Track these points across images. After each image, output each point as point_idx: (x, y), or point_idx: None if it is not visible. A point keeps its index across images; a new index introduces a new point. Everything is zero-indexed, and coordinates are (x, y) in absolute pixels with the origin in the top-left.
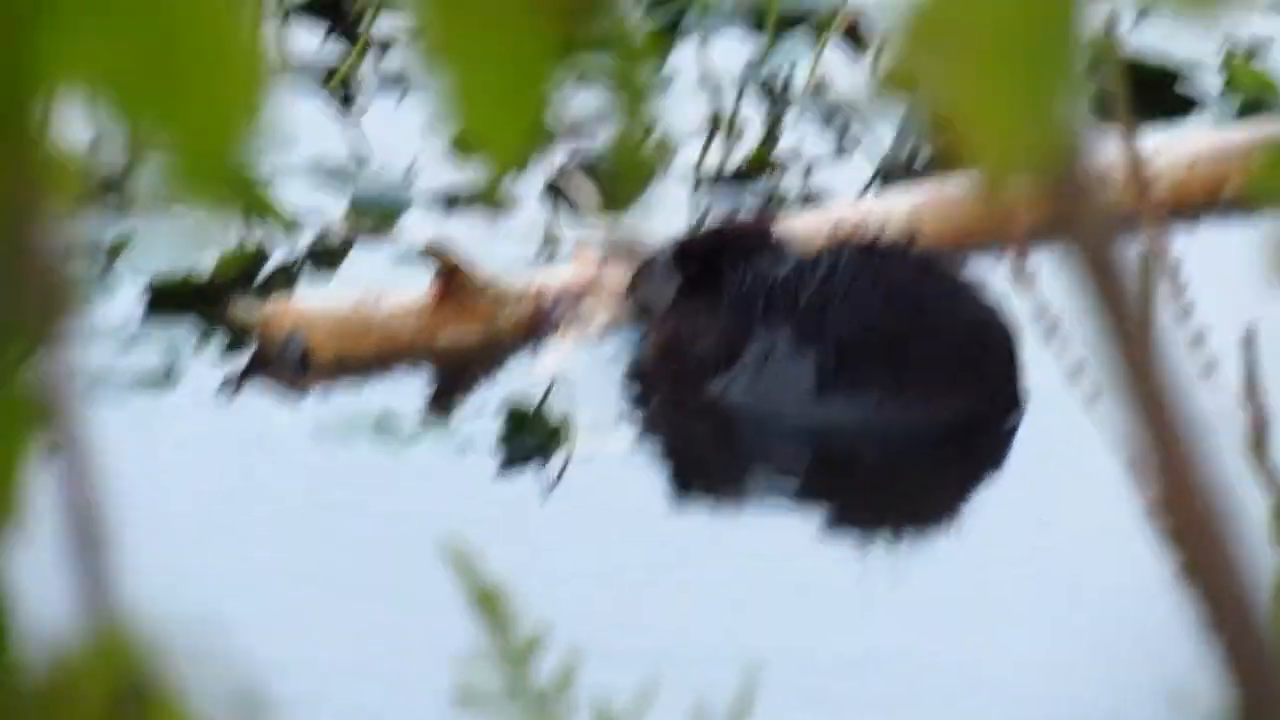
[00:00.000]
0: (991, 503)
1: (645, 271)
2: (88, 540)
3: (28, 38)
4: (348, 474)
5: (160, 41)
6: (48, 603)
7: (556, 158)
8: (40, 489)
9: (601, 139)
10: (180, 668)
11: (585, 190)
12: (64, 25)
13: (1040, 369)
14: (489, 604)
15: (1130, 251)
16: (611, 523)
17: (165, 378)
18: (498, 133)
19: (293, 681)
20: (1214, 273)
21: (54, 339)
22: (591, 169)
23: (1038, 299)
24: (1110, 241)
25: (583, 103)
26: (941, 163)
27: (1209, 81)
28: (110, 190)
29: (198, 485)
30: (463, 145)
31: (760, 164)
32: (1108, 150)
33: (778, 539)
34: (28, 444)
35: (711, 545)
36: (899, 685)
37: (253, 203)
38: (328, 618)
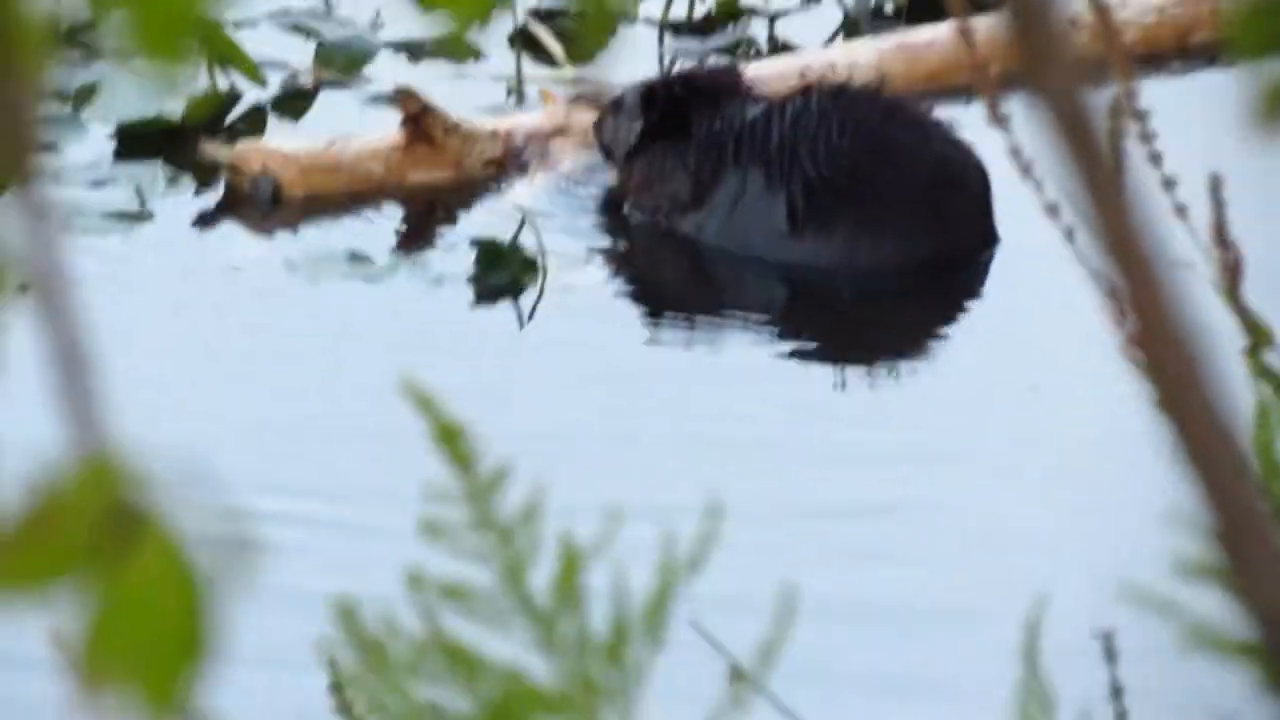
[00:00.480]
0: (968, 340)
1: (613, 110)
2: (72, 373)
3: None
4: (321, 308)
5: None
6: (33, 438)
7: (522, 6)
8: (21, 325)
9: None
10: (165, 493)
11: (551, 38)
12: None
13: (1016, 208)
14: (451, 440)
15: (1099, 98)
16: (585, 358)
17: (136, 216)
18: None
19: (267, 508)
20: (1182, 119)
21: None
22: (557, 16)
23: (1011, 140)
24: (1079, 87)
25: None
26: (909, 11)
27: None
28: (77, 38)
29: (172, 320)
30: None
31: (727, 13)
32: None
33: (752, 378)
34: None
35: (683, 385)
36: (877, 533)
37: (220, 50)
38: (300, 450)
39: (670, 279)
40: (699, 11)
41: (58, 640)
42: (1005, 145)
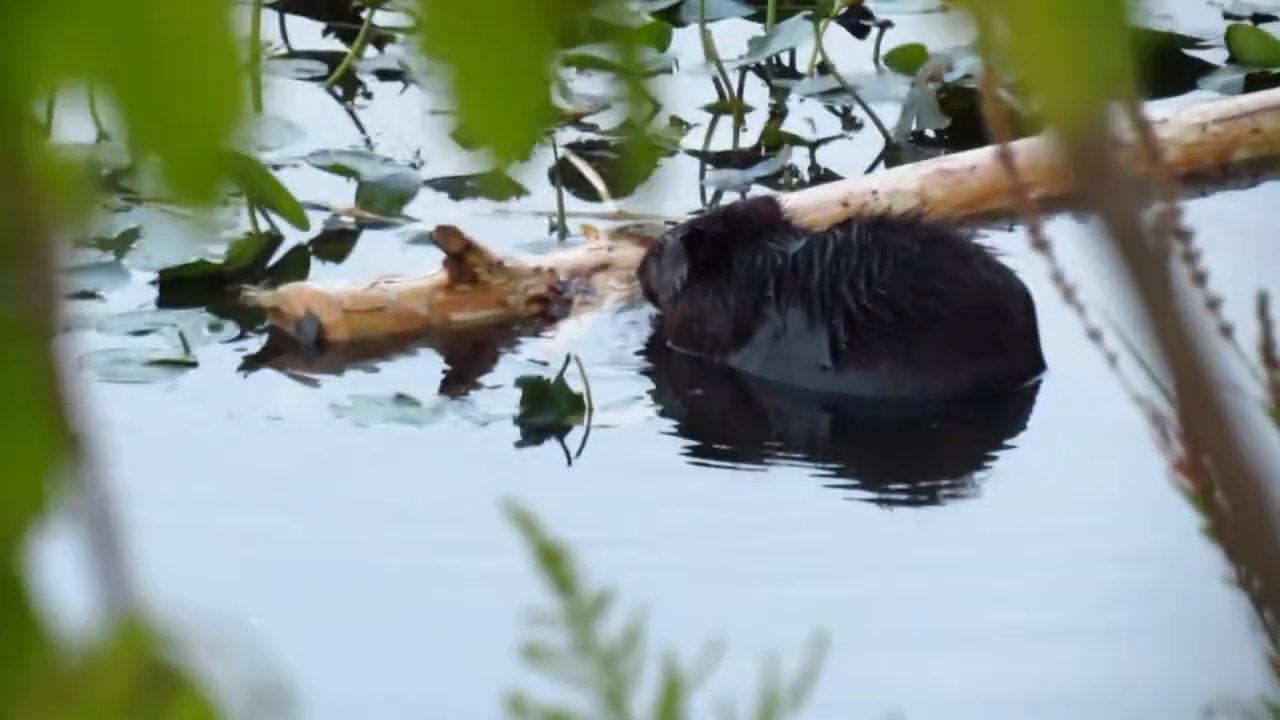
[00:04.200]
0: (1014, 467)
1: (656, 254)
2: (105, 534)
3: (17, 34)
4: (368, 452)
5: (139, 40)
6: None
7: (563, 141)
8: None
9: (608, 123)
10: (201, 655)
11: (592, 172)
12: (48, 22)
13: (1058, 333)
14: (553, 562)
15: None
16: (635, 490)
17: (180, 363)
18: (497, 128)
19: (321, 666)
20: (1225, 239)
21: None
22: (598, 149)
23: (1053, 265)
24: (1136, 206)
25: (588, 87)
26: (950, 136)
27: (1215, 52)
28: (117, 184)
29: (218, 465)
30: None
31: (771, 143)
32: (1119, 119)
33: (801, 505)
34: (50, 442)
35: (734, 511)
36: (925, 643)
37: (261, 192)
38: (355, 599)
39: (715, 413)
40: (742, 141)
41: None
42: (1047, 270)
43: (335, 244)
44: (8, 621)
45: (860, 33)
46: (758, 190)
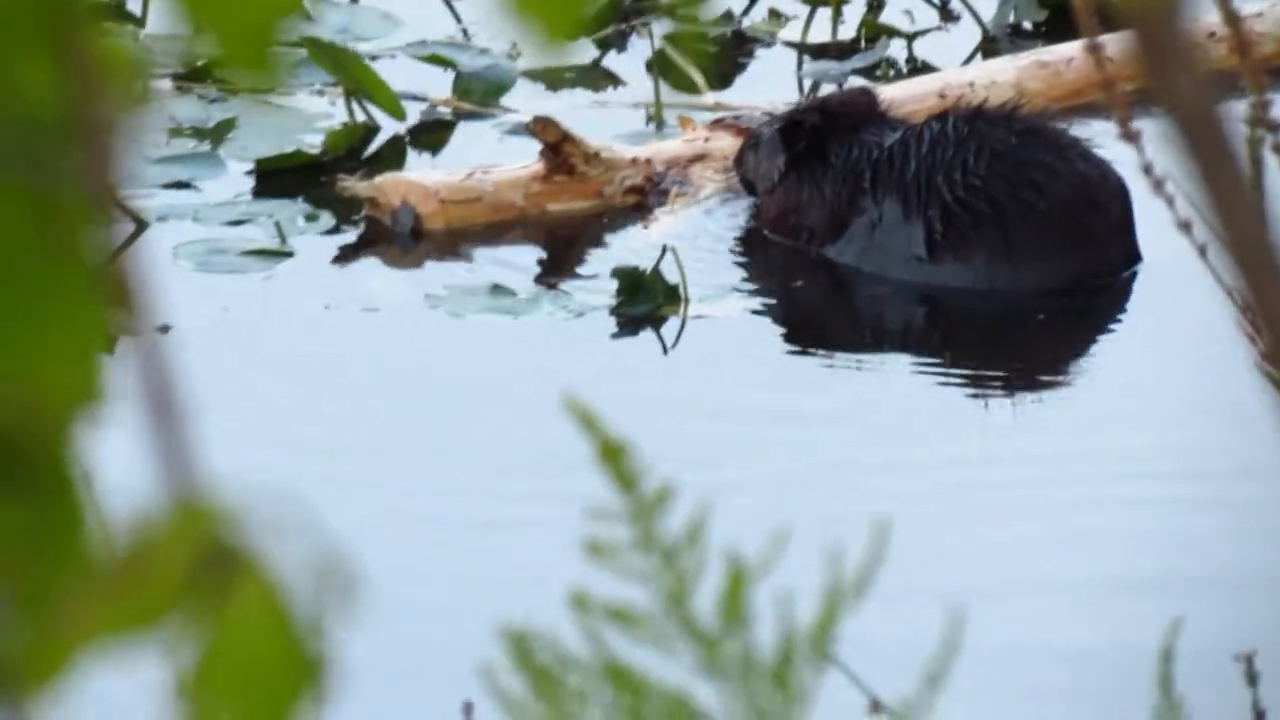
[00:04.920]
0: (1109, 358)
1: (753, 145)
2: (165, 417)
3: None
4: (465, 341)
5: None
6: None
7: (659, 33)
8: (121, 370)
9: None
10: (263, 537)
11: (689, 63)
12: None
13: (1156, 225)
14: (614, 458)
15: (1233, 109)
16: (728, 380)
17: (276, 253)
18: (547, 2)
19: (390, 568)
20: None
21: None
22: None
23: (1143, 157)
24: (1208, 97)
25: None
26: (1048, 28)
27: None
28: (211, 75)
29: (315, 353)
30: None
31: (868, 35)
32: (1210, 12)
33: (898, 395)
34: (104, 324)
35: (826, 400)
36: (1019, 538)
37: (358, 82)
38: (447, 485)
39: (810, 304)
40: (839, 33)
41: (162, 686)
42: (1137, 162)
43: (432, 134)
44: (59, 507)
45: None
46: (854, 82)
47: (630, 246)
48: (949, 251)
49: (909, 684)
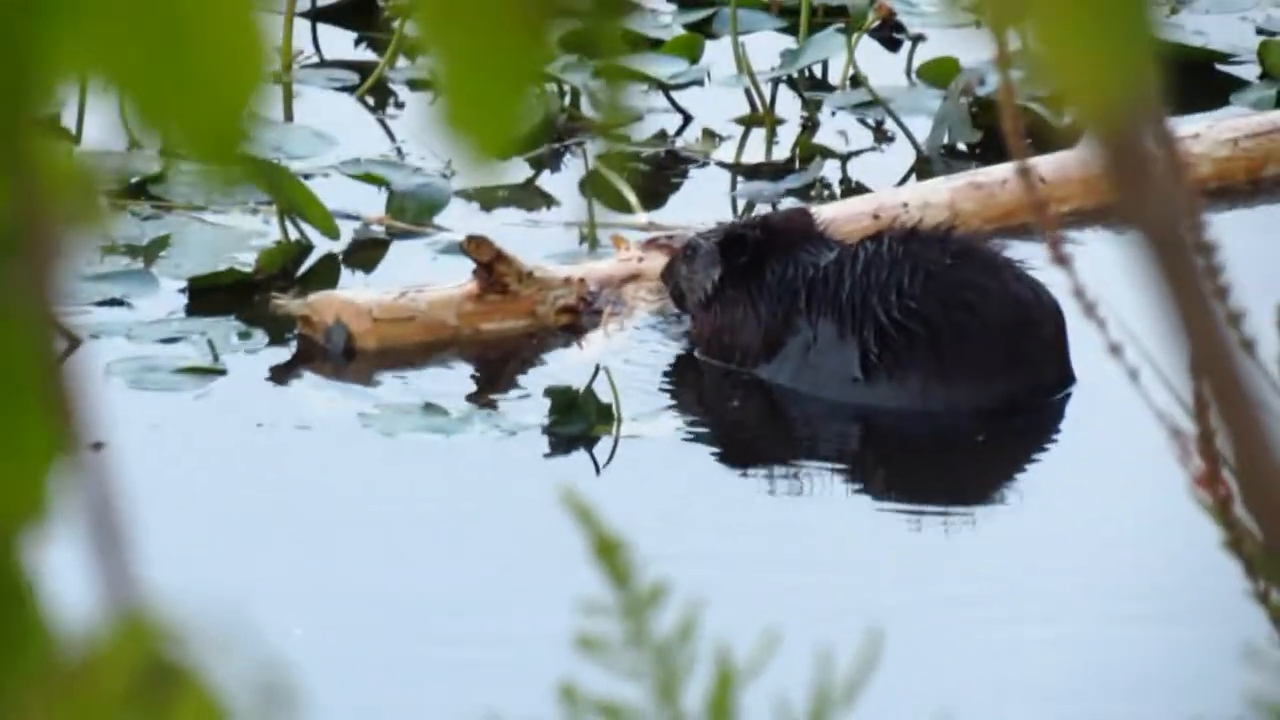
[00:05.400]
0: (1041, 480)
1: (685, 256)
2: (107, 532)
3: (34, 31)
4: (398, 459)
5: (163, 31)
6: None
7: (592, 153)
8: (65, 486)
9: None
10: (205, 654)
11: (623, 183)
12: (69, 19)
13: (1089, 347)
14: (609, 554)
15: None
16: (664, 500)
17: (209, 371)
18: (481, 120)
19: (341, 678)
20: (1254, 253)
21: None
22: (627, 163)
23: (1074, 279)
24: (1176, 216)
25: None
26: (982, 149)
27: (1248, 68)
28: (146, 192)
29: (247, 472)
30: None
31: (803, 155)
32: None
33: (831, 516)
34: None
35: (760, 519)
36: (958, 645)
37: (292, 200)
38: (387, 598)
39: (745, 425)
40: (774, 153)
41: None
42: (1068, 284)
43: (365, 253)
44: (7, 619)
45: (893, 46)
46: (789, 203)
47: (563, 365)
48: (884, 373)
49: None
